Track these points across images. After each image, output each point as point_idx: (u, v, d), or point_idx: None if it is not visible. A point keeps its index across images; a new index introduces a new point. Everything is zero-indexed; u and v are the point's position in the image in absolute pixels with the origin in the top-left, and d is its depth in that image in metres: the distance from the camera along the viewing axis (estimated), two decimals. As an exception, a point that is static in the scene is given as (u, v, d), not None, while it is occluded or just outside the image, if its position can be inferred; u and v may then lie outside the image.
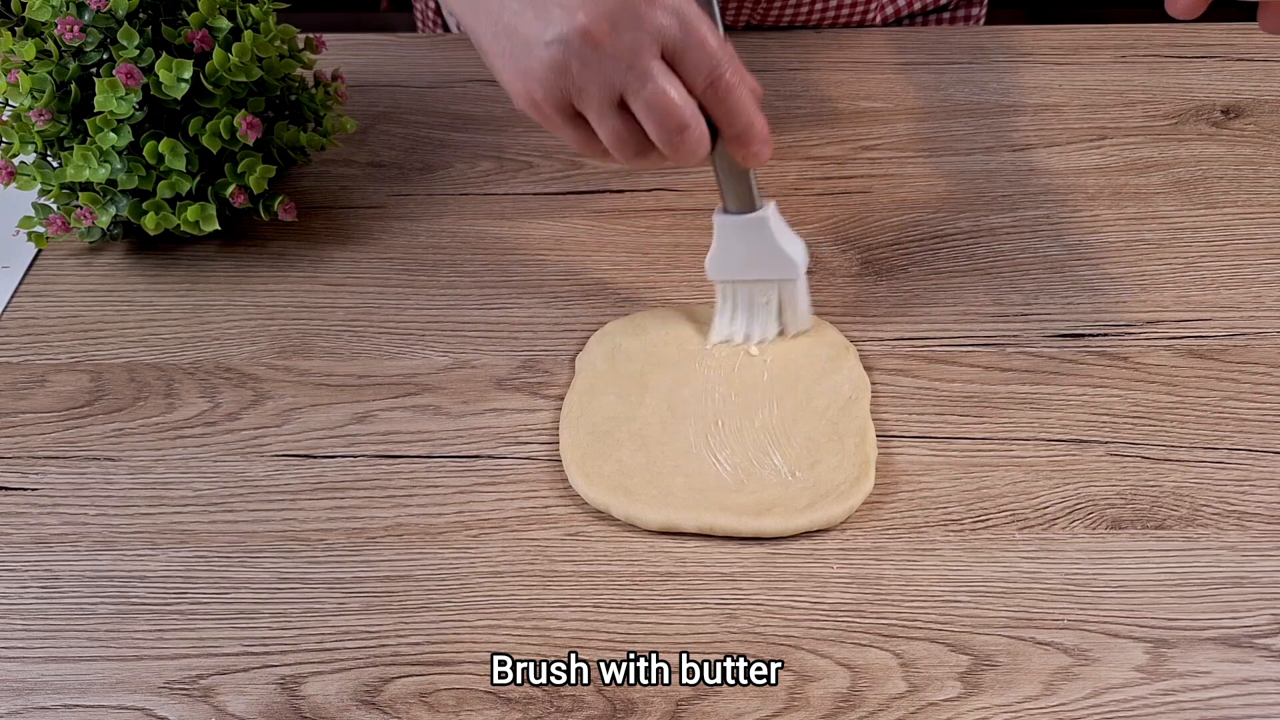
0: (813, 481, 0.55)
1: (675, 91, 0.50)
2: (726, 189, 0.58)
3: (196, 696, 0.48)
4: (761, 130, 0.53)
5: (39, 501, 0.56)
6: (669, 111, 0.50)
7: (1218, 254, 0.68)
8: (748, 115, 0.53)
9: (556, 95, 0.51)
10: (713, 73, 0.51)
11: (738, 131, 0.53)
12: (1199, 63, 0.83)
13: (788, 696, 0.48)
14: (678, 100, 0.50)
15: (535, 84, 0.51)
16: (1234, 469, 0.56)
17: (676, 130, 0.51)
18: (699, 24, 0.50)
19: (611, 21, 0.49)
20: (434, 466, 0.57)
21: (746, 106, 0.53)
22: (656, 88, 0.50)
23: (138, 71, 0.62)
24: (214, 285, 0.67)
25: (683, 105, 0.50)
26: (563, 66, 0.50)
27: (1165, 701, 0.48)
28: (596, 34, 0.48)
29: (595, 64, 0.49)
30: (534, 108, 0.52)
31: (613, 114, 0.51)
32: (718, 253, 0.60)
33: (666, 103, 0.50)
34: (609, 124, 0.51)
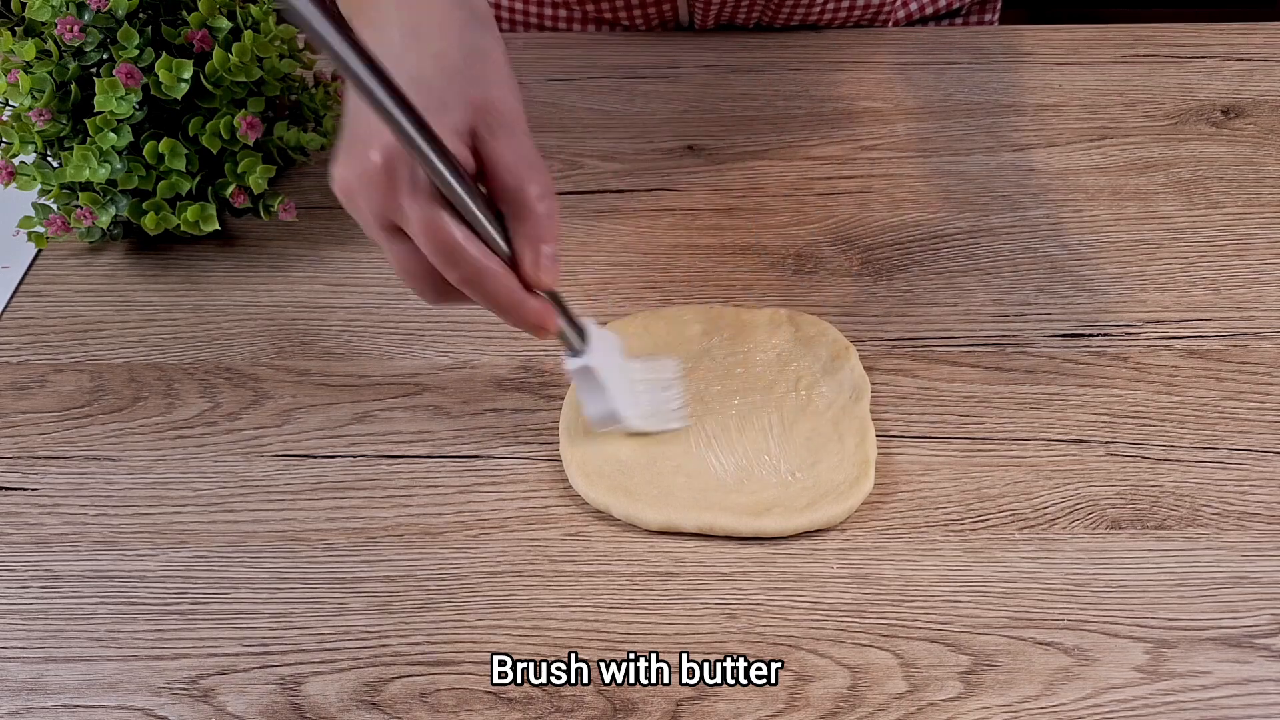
0: (812, 481, 0.55)
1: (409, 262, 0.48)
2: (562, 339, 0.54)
3: (196, 696, 0.48)
4: (525, 318, 0.50)
5: (39, 501, 0.56)
6: (411, 280, 0.49)
7: (1218, 254, 0.68)
8: (500, 306, 0.49)
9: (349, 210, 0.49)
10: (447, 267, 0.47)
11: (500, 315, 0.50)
12: (1199, 63, 0.83)
13: (788, 696, 0.48)
14: (413, 270, 0.49)
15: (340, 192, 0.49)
16: (1234, 469, 0.56)
17: (428, 291, 0.49)
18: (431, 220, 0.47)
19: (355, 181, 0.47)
20: (434, 466, 0.57)
21: (497, 299, 0.49)
22: (393, 256, 0.48)
23: (138, 71, 0.62)
24: (214, 285, 0.67)
25: (420, 275, 0.49)
26: (344, 186, 0.48)
27: (1165, 701, 0.48)
28: (345, 191, 0.48)
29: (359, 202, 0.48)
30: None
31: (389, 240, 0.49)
32: (587, 402, 0.56)
33: (405, 272, 0.49)
34: (390, 250, 0.49)
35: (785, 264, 0.68)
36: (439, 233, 0.46)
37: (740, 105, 0.80)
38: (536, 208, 0.48)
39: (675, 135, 0.78)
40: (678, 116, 0.79)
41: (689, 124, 0.79)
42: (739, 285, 0.66)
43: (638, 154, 0.76)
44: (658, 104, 0.80)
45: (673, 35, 0.87)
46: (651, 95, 0.81)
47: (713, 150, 0.76)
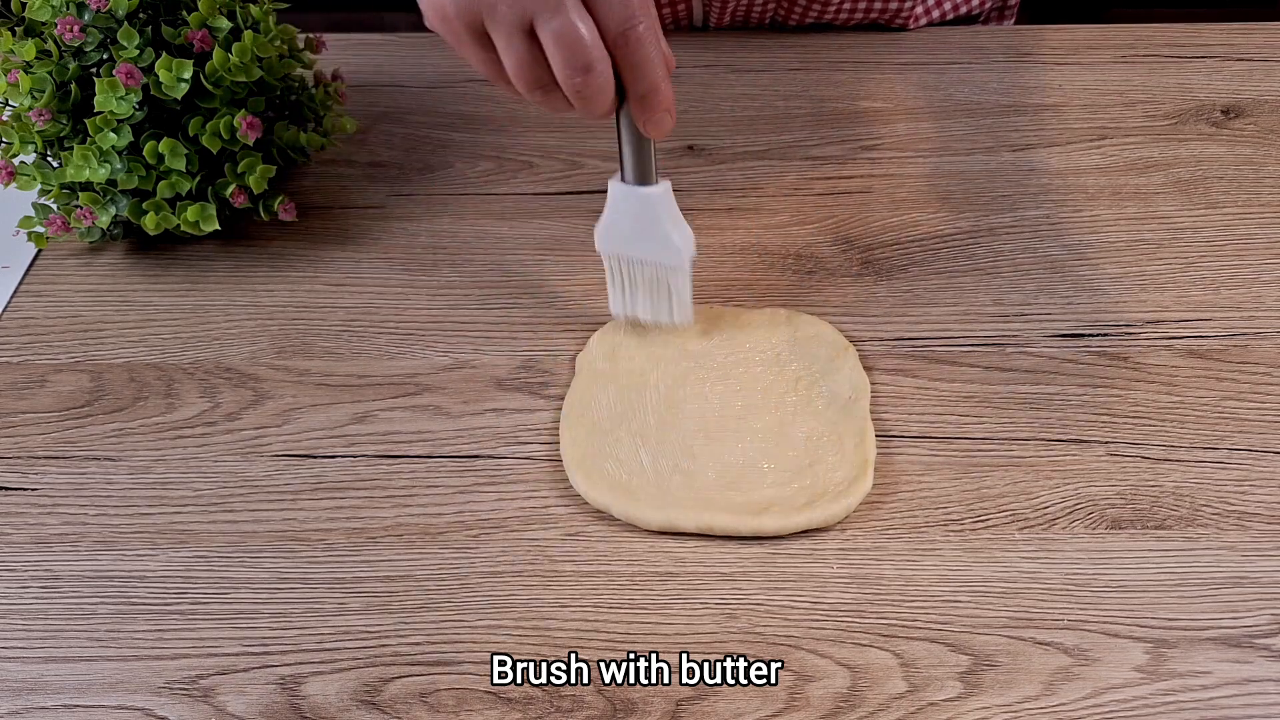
0: (811, 481, 0.55)
1: (586, 30, 0.48)
2: (624, 155, 0.56)
3: (196, 696, 0.48)
4: (666, 97, 0.51)
5: (39, 501, 0.56)
6: (576, 49, 0.48)
7: (1218, 254, 0.68)
8: (654, 76, 0.50)
9: (467, 12, 0.49)
10: (627, 22, 0.48)
11: (642, 91, 0.51)
12: (1199, 63, 0.83)
13: (788, 696, 0.48)
14: (587, 39, 0.48)
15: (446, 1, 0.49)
16: (1234, 469, 0.56)
17: (581, 69, 0.49)
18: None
19: None
20: (434, 466, 0.57)
21: (655, 66, 0.50)
22: (567, 21, 0.48)
23: (138, 71, 0.62)
24: (214, 285, 0.67)
25: (591, 46, 0.48)
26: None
27: (1165, 701, 0.48)
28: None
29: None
30: (444, 23, 0.50)
31: (520, 40, 0.49)
32: (607, 221, 0.58)
33: (575, 39, 0.48)
34: (515, 50, 0.49)
35: (785, 264, 0.68)
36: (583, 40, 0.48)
37: (740, 105, 0.80)
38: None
39: (675, 135, 0.78)
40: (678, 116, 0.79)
41: (689, 124, 0.79)
42: (739, 285, 0.66)
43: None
44: (658, 104, 0.80)
45: (673, 35, 0.87)
46: (651, 95, 0.81)
47: (713, 150, 0.76)
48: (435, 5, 0.50)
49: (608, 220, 0.58)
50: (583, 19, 0.48)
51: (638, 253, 0.59)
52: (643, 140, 0.55)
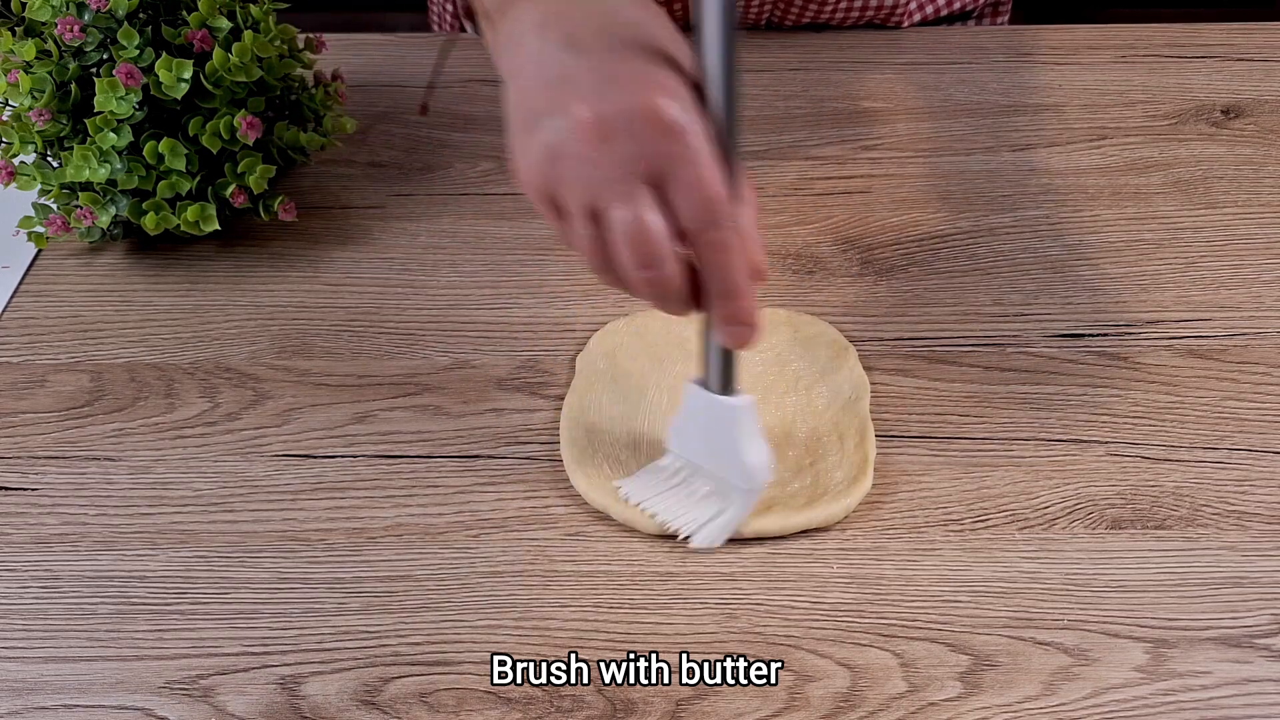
0: (811, 480, 0.55)
1: (655, 226, 0.44)
2: (705, 357, 0.51)
3: (196, 696, 0.48)
4: (745, 309, 0.47)
5: (39, 501, 0.56)
6: (642, 245, 0.44)
7: (1218, 254, 0.68)
8: (731, 284, 0.46)
9: (540, 181, 0.46)
10: (706, 223, 0.44)
11: (717, 297, 0.47)
12: (1199, 63, 0.83)
13: (788, 696, 0.48)
14: (654, 236, 0.44)
15: (529, 165, 0.46)
16: (1234, 469, 0.56)
17: (644, 265, 0.45)
18: (707, 165, 0.44)
19: (614, 126, 0.43)
20: (434, 466, 0.57)
21: (733, 274, 0.46)
22: (635, 214, 0.44)
23: (138, 71, 0.62)
24: (214, 285, 0.67)
25: (658, 243, 0.44)
26: (553, 154, 0.45)
27: (1165, 701, 0.48)
28: (592, 133, 0.43)
29: (583, 164, 0.44)
30: (525, 187, 0.48)
31: (585, 225, 0.46)
32: (680, 423, 0.54)
33: (642, 235, 0.44)
34: (582, 231, 0.46)
35: (785, 264, 0.68)
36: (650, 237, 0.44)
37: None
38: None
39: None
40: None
41: (689, 124, 0.79)
42: (739, 285, 0.66)
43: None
44: (658, 104, 0.80)
45: (673, 35, 0.87)
46: (651, 95, 0.81)
47: (713, 150, 0.76)
48: (519, 169, 0.47)
49: (680, 423, 0.54)
50: (653, 213, 0.44)
51: (707, 464, 0.53)
52: (720, 347, 0.50)
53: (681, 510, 0.53)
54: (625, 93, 0.43)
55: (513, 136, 0.47)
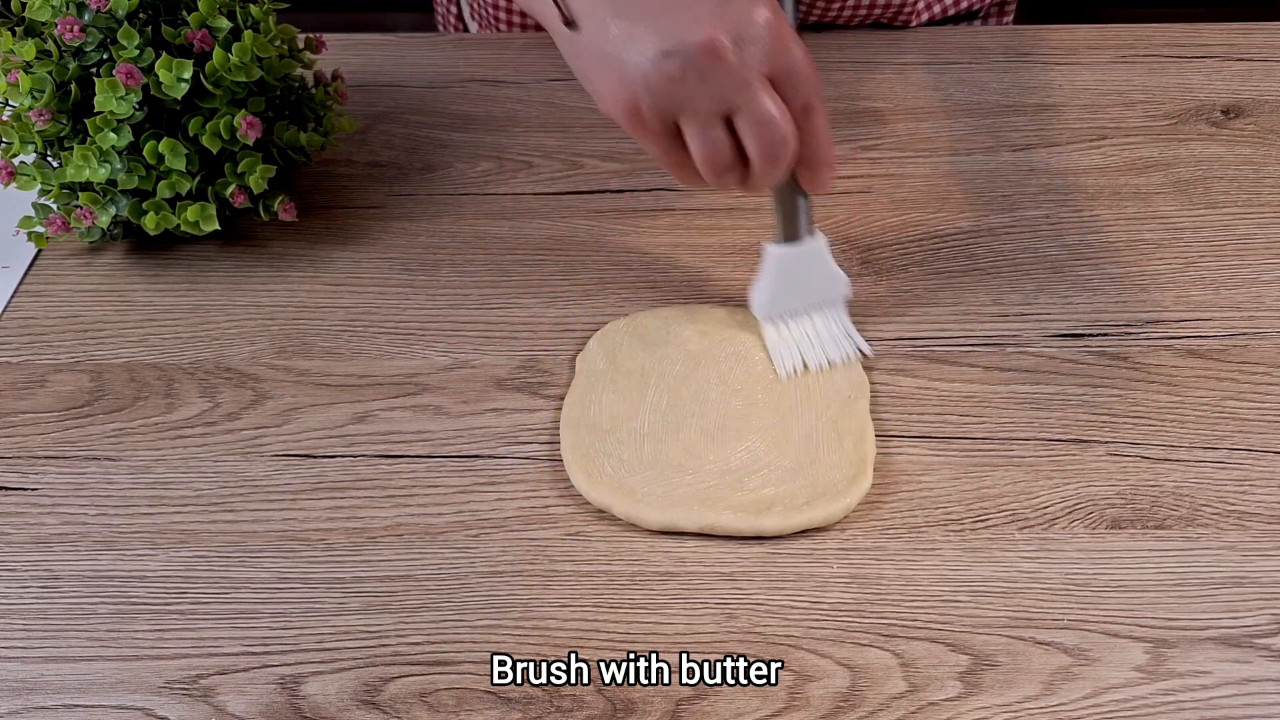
0: (811, 480, 0.55)
1: (780, 112, 0.52)
2: (785, 217, 0.59)
3: (196, 696, 0.48)
4: (834, 156, 0.56)
5: (39, 501, 0.56)
6: (775, 129, 0.52)
7: (1218, 254, 0.68)
8: (827, 140, 0.55)
9: (663, 105, 0.52)
10: (809, 98, 0.53)
11: (815, 155, 0.55)
12: (1199, 63, 0.83)
13: (788, 696, 0.48)
14: (781, 119, 0.52)
15: (643, 91, 0.52)
16: (1234, 469, 0.56)
17: (781, 144, 0.53)
18: (802, 53, 0.53)
19: (735, 39, 0.50)
20: (434, 466, 0.57)
21: (827, 132, 0.55)
22: (766, 106, 0.52)
23: (138, 71, 0.62)
24: (214, 285, 0.67)
25: (785, 124, 0.52)
26: (678, 77, 0.51)
27: (1165, 701, 0.48)
28: (719, 49, 0.50)
29: (712, 78, 0.51)
30: (633, 114, 0.53)
31: (717, 129, 0.52)
32: (771, 287, 0.61)
33: (774, 121, 0.52)
34: (710, 137, 0.52)
35: (785, 264, 0.68)
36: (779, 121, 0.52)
37: (740, 105, 0.80)
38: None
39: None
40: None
41: (689, 124, 0.79)
42: (739, 285, 0.66)
43: (638, 154, 0.76)
44: (658, 104, 0.80)
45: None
46: (651, 95, 0.81)
47: (713, 150, 0.76)
48: (624, 101, 0.52)
49: (771, 286, 0.61)
50: (776, 102, 0.52)
51: (801, 302, 0.61)
52: (802, 199, 0.59)
53: (828, 345, 0.61)
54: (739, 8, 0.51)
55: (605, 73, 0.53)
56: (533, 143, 0.77)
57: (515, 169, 0.75)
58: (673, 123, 0.53)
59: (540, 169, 0.75)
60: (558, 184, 0.74)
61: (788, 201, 0.59)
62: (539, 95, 0.81)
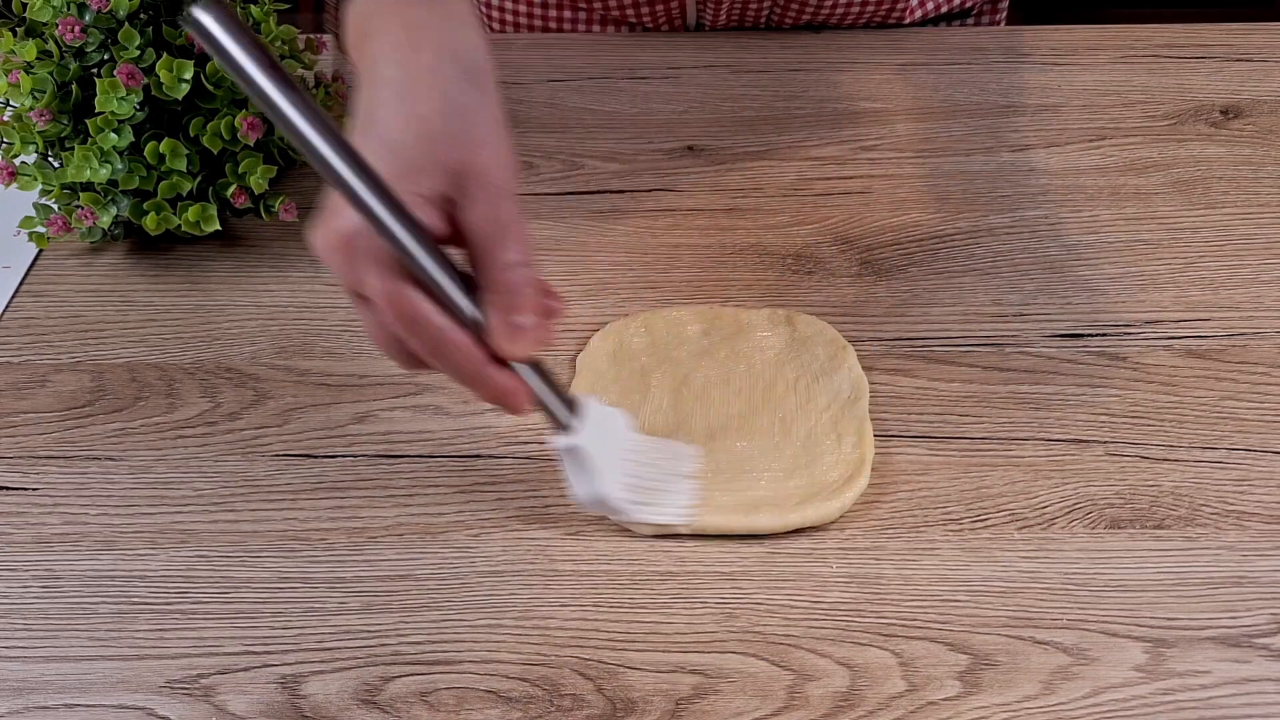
0: (808, 479, 0.55)
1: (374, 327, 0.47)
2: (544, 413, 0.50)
3: (197, 696, 0.48)
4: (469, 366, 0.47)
5: (40, 501, 0.56)
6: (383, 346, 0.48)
7: (1217, 254, 0.68)
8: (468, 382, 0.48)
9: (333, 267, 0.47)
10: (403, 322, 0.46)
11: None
12: (1198, 63, 0.83)
13: (788, 696, 0.48)
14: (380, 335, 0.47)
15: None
16: (1233, 469, 0.56)
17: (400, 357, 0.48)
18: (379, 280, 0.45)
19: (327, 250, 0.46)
20: (434, 466, 0.57)
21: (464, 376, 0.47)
22: (365, 319, 0.47)
23: (139, 72, 0.62)
24: (215, 285, 0.67)
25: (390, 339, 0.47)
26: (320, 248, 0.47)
27: (1164, 701, 0.48)
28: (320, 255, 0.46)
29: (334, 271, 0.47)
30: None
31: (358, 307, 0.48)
32: (581, 477, 0.51)
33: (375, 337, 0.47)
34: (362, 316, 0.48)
35: (784, 264, 0.68)
36: (399, 303, 0.45)
37: (740, 105, 0.80)
38: (503, 276, 0.46)
39: (675, 136, 0.78)
40: (678, 117, 0.80)
41: (689, 124, 0.79)
42: (738, 285, 0.67)
43: (638, 154, 0.76)
44: (658, 104, 0.81)
45: (673, 36, 0.88)
46: (652, 96, 0.81)
47: (713, 150, 0.76)
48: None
49: (581, 477, 0.51)
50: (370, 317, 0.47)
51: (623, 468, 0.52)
52: (533, 371, 0.48)
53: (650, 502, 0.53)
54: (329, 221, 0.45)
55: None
56: (533, 143, 0.77)
57: (515, 169, 0.75)
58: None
59: (540, 169, 0.75)
60: (558, 184, 0.74)
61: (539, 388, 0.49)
62: (540, 96, 0.81)
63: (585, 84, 0.82)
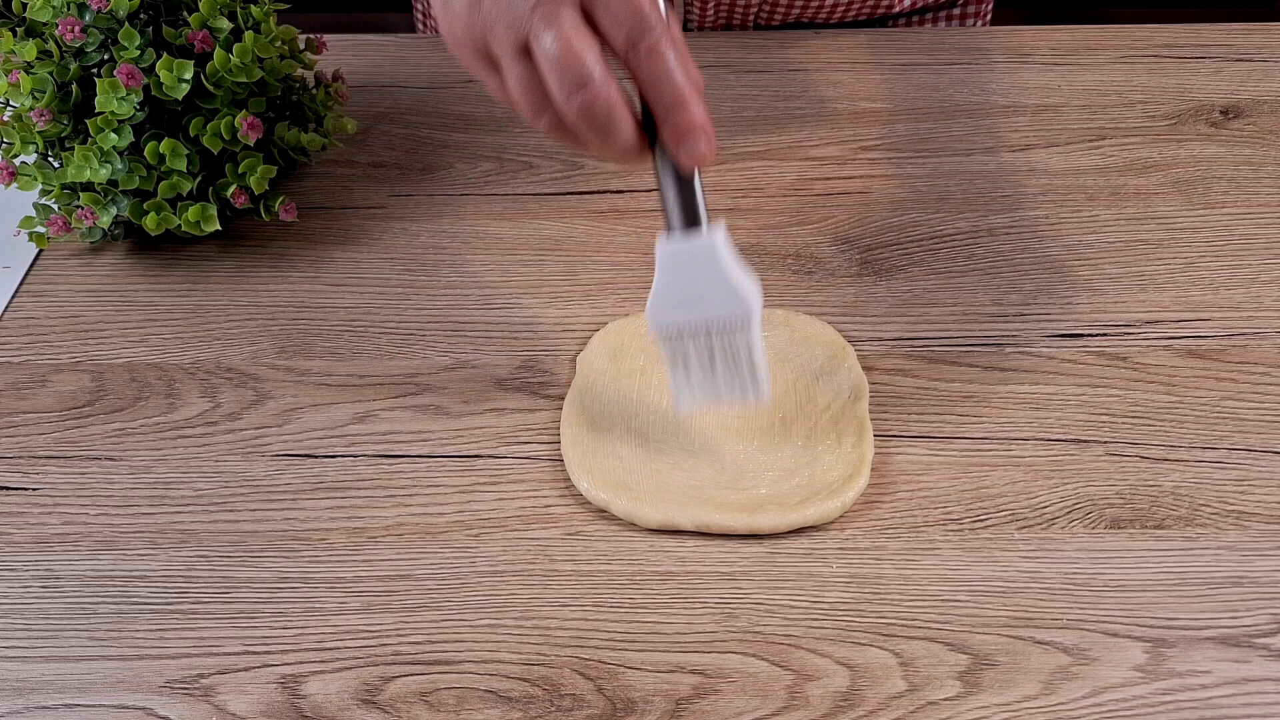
0: (808, 479, 0.55)
1: (581, 42, 0.44)
2: (666, 202, 0.48)
3: (197, 696, 0.48)
4: (698, 116, 0.45)
5: (40, 501, 0.56)
6: (567, 62, 0.44)
7: (1217, 254, 0.68)
8: (678, 90, 0.45)
9: (471, 35, 0.46)
10: (635, 31, 0.44)
11: (665, 110, 0.45)
12: (1198, 63, 0.83)
13: (788, 696, 0.48)
14: (580, 51, 0.44)
15: (455, 21, 0.47)
16: (1233, 469, 0.56)
17: (575, 86, 0.44)
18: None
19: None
20: (434, 466, 0.57)
21: (677, 79, 0.45)
22: (560, 34, 0.44)
23: (139, 72, 0.62)
24: (215, 285, 0.67)
25: (585, 58, 0.44)
26: (477, 4, 0.45)
27: (1164, 701, 0.48)
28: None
29: (507, 6, 0.44)
30: (455, 48, 0.48)
31: (517, 63, 0.45)
32: (659, 290, 0.50)
33: (566, 52, 0.44)
34: (514, 71, 0.46)
35: (785, 264, 0.68)
36: (575, 54, 0.44)
37: (740, 105, 0.80)
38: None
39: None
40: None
41: (689, 124, 0.79)
42: (739, 285, 0.67)
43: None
44: (658, 104, 0.80)
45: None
46: (651, 95, 0.81)
47: (713, 150, 0.76)
48: (447, 31, 0.48)
49: (659, 288, 0.50)
50: (578, 31, 0.44)
51: (697, 315, 0.50)
52: (682, 177, 0.48)
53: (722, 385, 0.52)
54: None
55: (440, 6, 0.48)
56: (533, 143, 0.77)
57: (516, 169, 0.75)
58: (490, 55, 0.46)
59: (540, 169, 0.75)
60: (558, 184, 0.74)
61: (665, 178, 0.48)
62: (539, 95, 0.81)
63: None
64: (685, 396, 0.53)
